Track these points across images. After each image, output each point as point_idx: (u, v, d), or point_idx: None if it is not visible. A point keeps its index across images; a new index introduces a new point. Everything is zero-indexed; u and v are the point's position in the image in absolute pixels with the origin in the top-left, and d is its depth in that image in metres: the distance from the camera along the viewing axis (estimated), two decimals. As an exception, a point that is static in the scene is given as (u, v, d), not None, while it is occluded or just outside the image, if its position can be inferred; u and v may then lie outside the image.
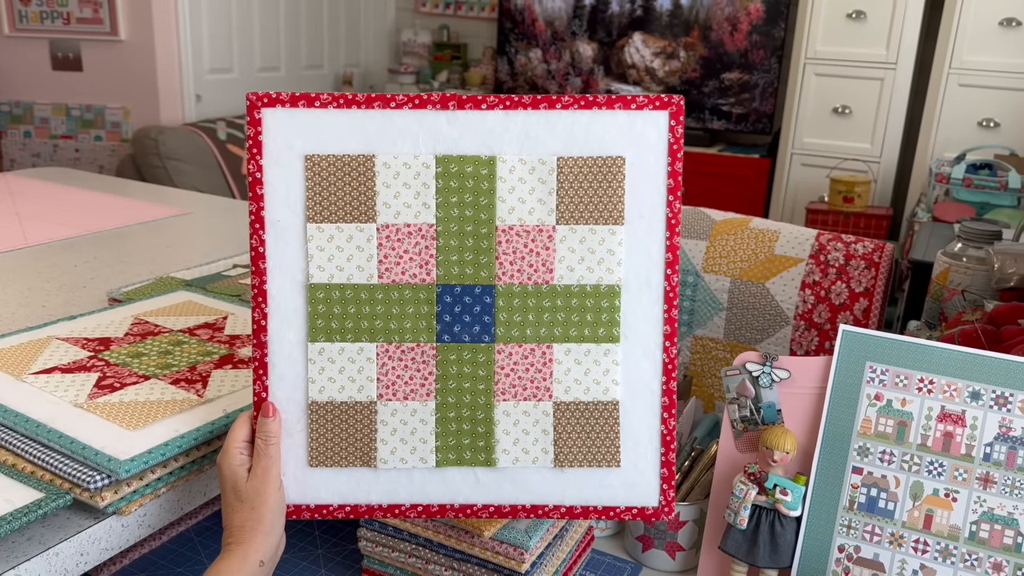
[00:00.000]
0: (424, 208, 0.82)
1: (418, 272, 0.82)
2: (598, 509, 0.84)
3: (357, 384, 0.82)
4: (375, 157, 0.81)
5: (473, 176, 0.82)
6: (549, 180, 0.83)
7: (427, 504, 0.84)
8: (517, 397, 0.83)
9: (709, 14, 3.90)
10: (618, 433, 0.84)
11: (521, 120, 0.82)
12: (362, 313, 0.82)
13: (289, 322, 0.82)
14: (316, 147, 0.81)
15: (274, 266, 0.82)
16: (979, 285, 1.50)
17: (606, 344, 0.84)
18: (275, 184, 0.81)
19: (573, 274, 0.83)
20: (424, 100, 0.82)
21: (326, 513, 0.83)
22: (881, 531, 0.86)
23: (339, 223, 0.82)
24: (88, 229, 1.82)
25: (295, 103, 0.81)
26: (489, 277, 0.83)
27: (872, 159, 3.53)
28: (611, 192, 0.83)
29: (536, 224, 0.83)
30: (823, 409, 0.89)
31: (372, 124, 0.82)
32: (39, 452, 0.82)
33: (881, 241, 1.44)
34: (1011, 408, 0.83)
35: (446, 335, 0.83)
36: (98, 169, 3.95)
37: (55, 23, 3.84)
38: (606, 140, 0.83)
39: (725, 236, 1.49)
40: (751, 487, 0.88)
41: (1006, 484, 0.83)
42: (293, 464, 0.82)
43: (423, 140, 0.82)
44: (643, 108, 0.83)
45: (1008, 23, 3.16)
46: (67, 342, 1.04)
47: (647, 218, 0.84)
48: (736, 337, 1.48)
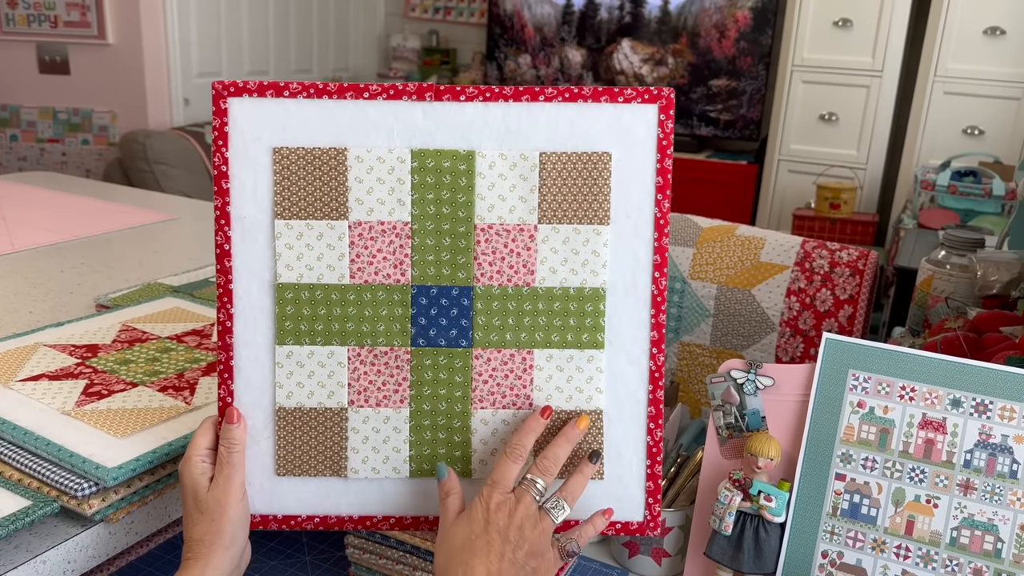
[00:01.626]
0: (399, 205, 0.78)
1: (392, 272, 0.78)
2: (579, 521, 0.82)
3: (327, 389, 0.79)
4: (347, 151, 0.77)
5: (451, 172, 0.78)
6: (531, 177, 0.79)
7: (400, 516, 0.80)
8: (496, 405, 0.80)
9: (697, 21, 3.92)
10: (601, 444, 0.81)
11: (502, 113, 0.78)
12: (333, 315, 0.78)
13: (256, 323, 0.78)
14: (285, 139, 0.77)
15: (240, 264, 0.78)
16: (962, 292, 1.52)
17: (590, 350, 0.80)
18: (242, 178, 0.77)
19: (556, 276, 0.80)
20: (399, 91, 0.78)
21: (294, 524, 0.80)
22: (864, 537, 0.87)
23: (309, 220, 0.78)
24: (75, 234, 1.82)
25: (263, 92, 0.77)
26: (467, 278, 0.79)
27: (858, 166, 3.56)
28: (596, 190, 0.79)
29: (517, 223, 0.79)
30: (807, 416, 0.90)
31: (344, 116, 0.77)
32: (26, 460, 0.82)
33: (866, 248, 1.46)
34: (991, 415, 0.84)
35: (421, 339, 0.79)
36: (85, 173, 3.93)
37: (42, 26, 3.82)
38: (592, 135, 0.79)
39: (711, 243, 1.50)
40: (736, 493, 0.88)
41: (986, 490, 0.84)
42: (259, 473, 0.79)
43: (398, 133, 0.78)
44: (631, 101, 0.79)
45: (992, 32, 3.19)
46: (54, 349, 1.04)
47: (634, 218, 0.80)
48: (722, 344, 1.50)
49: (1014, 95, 3.22)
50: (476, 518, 0.73)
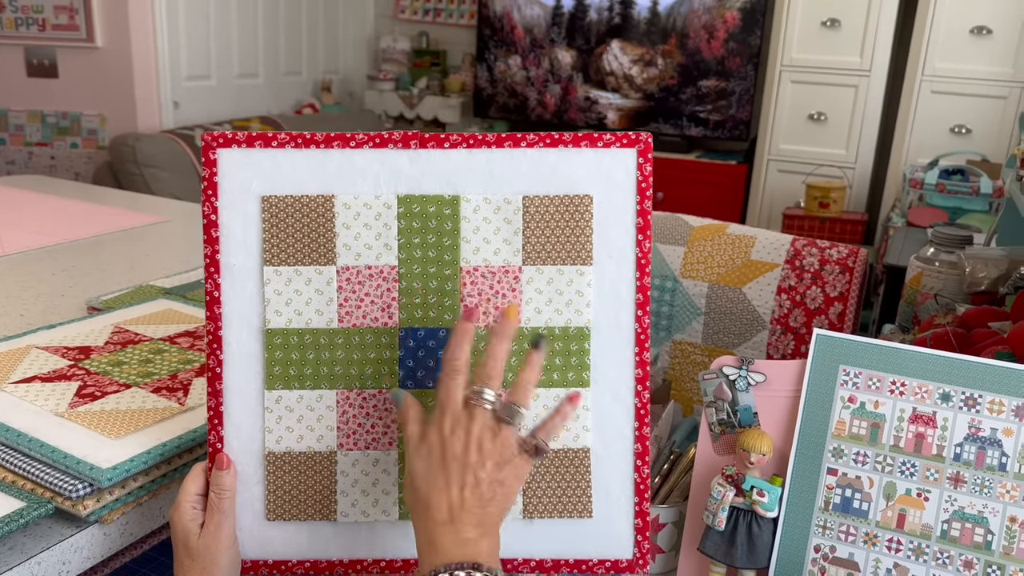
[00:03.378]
0: (386, 249, 0.79)
1: (380, 316, 0.79)
2: (570, 563, 0.82)
3: (316, 433, 0.79)
4: (335, 198, 0.79)
5: (436, 216, 0.79)
6: (515, 220, 0.80)
7: (391, 560, 0.80)
8: None
9: (686, 22, 3.94)
10: (589, 482, 0.81)
11: (485, 159, 0.80)
12: (321, 359, 0.79)
13: (246, 369, 0.79)
14: (273, 188, 0.78)
15: (230, 311, 0.78)
16: (951, 289, 1.53)
17: (576, 388, 0.81)
18: (230, 227, 0.78)
19: (541, 316, 0.81)
20: (385, 139, 0.79)
21: (284, 570, 0.80)
22: (856, 531, 0.88)
23: (297, 266, 0.78)
24: (65, 237, 1.81)
25: (251, 143, 0.78)
26: (454, 320, 0.80)
27: (847, 165, 3.58)
28: (579, 232, 0.80)
29: (502, 265, 0.80)
30: (798, 412, 0.91)
31: (331, 164, 0.79)
32: (20, 461, 0.81)
33: (855, 246, 1.47)
34: (980, 409, 0.85)
35: (409, 381, 0.80)
36: (74, 177, 3.92)
37: (30, 29, 3.81)
38: (573, 179, 0.80)
39: (702, 242, 1.51)
40: (728, 489, 0.89)
41: (976, 483, 0.85)
42: (250, 518, 0.79)
43: (384, 180, 0.79)
44: (610, 146, 0.81)
45: (979, 31, 3.22)
46: (47, 351, 1.04)
47: (616, 258, 0.81)
48: (714, 342, 1.50)
49: (1001, 94, 3.24)
50: (433, 447, 0.71)
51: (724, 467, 0.91)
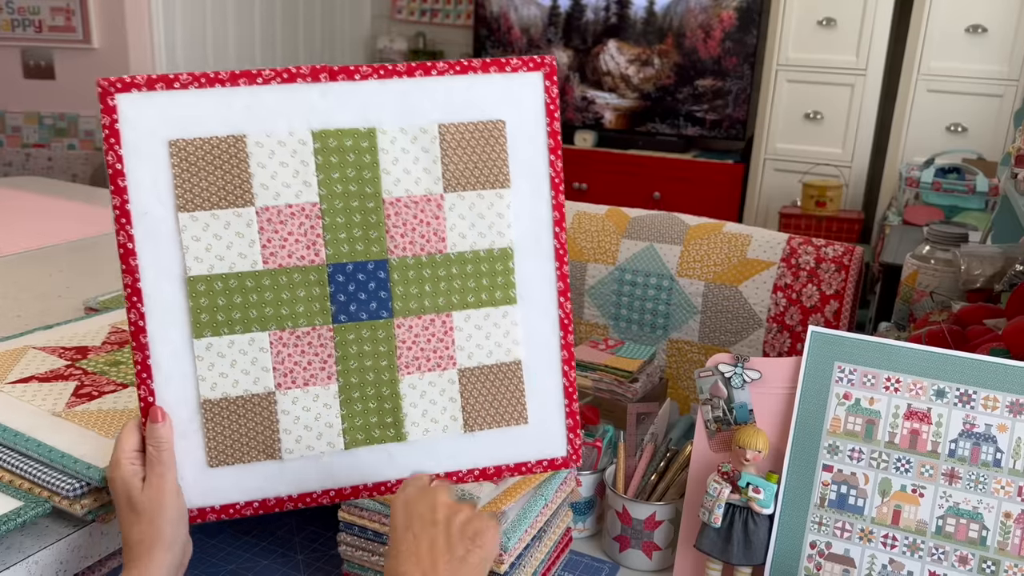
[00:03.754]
0: (305, 187, 0.79)
1: (306, 254, 0.79)
2: (510, 467, 0.86)
3: (252, 376, 0.79)
4: (246, 137, 0.78)
5: (354, 150, 0.80)
6: (432, 148, 0.82)
7: (340, 488, 0.81)
8: (421, 369, 0.82)
9: (682, 22, 3.94)
10: (523, 392, 0.85)
11: (398, 89, 0.80)
12: (249, 302, 0.78)
13: (170, 320, 0.77)
14: (180, 132, 0.77)
15: (147, 262, 0.77)
16: (947, 287, 1.54)
17: (504, 307, 0.84)
18: (138, 174, 0.76)
19: (465, 241, 0.83)
20: (293, 74, 0.79)
21: (233, 512, 0.80)
22: (851, 527, 0.88)
23: (213, 210, 0.77)
24: (63, 238, 1.81)
25: (152, 86, 0.76)
26: (381, 252, 0.81)
27: (843, 164, 3.59)
28: (495, 156, 0.83)
29: (424, 194, 0.82)
30: (794, 409, 0.91)
31: (239, 103, 0.78)
32: (17, 461, 0.82)
33: (851, 244, 1.47)
34: (974, 405, 0.86)
35: (342, 315, 0.80)
36: (72, 178, 3.91)
37: (27, 31, 3.81)
38: (485, 105, 0.83)
39: (699, 240, 1.52)
40: (725, 486, 0.89)
41: (970, 479, 0.85)
42: (191, 467, 0.78)
43: (296, 115, 0.78)
44: (518, 71, 0.83)
45: (974, 30, 3.22)
46: (44, 351, 1.04)
47: (532, 179, 0.84)
48: (711, 340, 1.51)
49: (996, 92, 3.25)
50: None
51: (720, 464, 0.92)
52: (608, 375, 1.26)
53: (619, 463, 1.04)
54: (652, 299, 1.52)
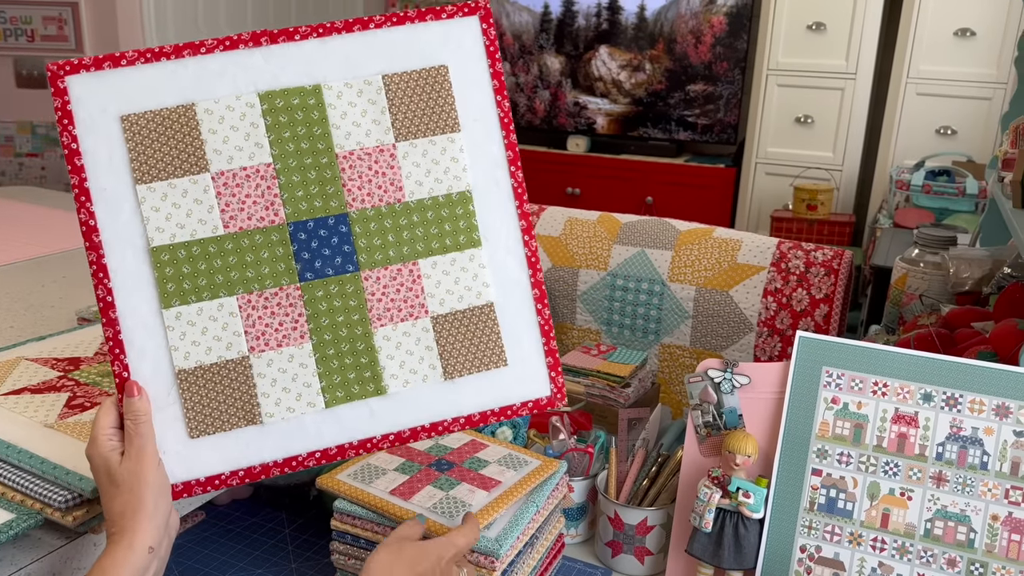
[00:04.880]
0: (258, 148, 0.80)
1: (265, 215, 0.80)
2: (495, 411, 0.85)
3: (224, 342, 0.79)
4: (195, 105, 0.79)
5: (301, 108, 0.81)
6: (379, 99, 0.83)
7: (325, 449, 0.81)
8: (394, 320, 0.83)
9: (673, 27, 3.96)
10: (499, 333, 0.85)
11: (338, 45, 0.82)
12: (214, 268, 0.79)
13: (138, 292, 0.78)
14: (131, 106, 0.78)
15: (110, 236, 0.77)
16: (936, 289, 1.55)
17: (469, 250, 0.85)
18: (94, 151, 0.77)
19: (423, 188, 0.84)
20: (235, 40, 0.80)
21: (219, 483, 0.79)
22: (841, 531, 0.89)
23: (170, 179, 0.78)
24: (56, 248, 1.81)
25: (100, 66, 0.78)
26: (340, 206, 0.82)
27: (834, 167, 3.60)
28: (442, 101, 0.84)
29: (376, 145, 0.83)
30: (782, 413, 0.92)
31: (186, 73, 0.79)
32: (9, 473, 0.82)
33: (840, 248, 1.48)
34: (961, 409, 0.86)
35: (308, 273, 0.81)
36: (65, 187, 3.91)
37: (19, 40, 3.80)
38: (426, 52, 0.84)
39: (689, 246, 1.52)
40: (715, 491, 0.90)
41: (958, 482, 0.86)
42: (172, 439, 0.78)
43: (242, 80, 0.80)
44: (454, 16, 0.85)
45: (963, 33, 3.24)
46: (36, 363, 1.04)
47: (481, 121, 0.85)
48: (702, 344, 1.51)
49: (985, 95, 3.27)
50: None
51: (710, 469, 0.92)
52: (600, 380, 1.27)
53: (611, 468, 1.04)
54: (644, 304, 1.53)
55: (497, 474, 0.95)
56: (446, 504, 0.89)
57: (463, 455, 0.99)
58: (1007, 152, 1.40)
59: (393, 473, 0.95)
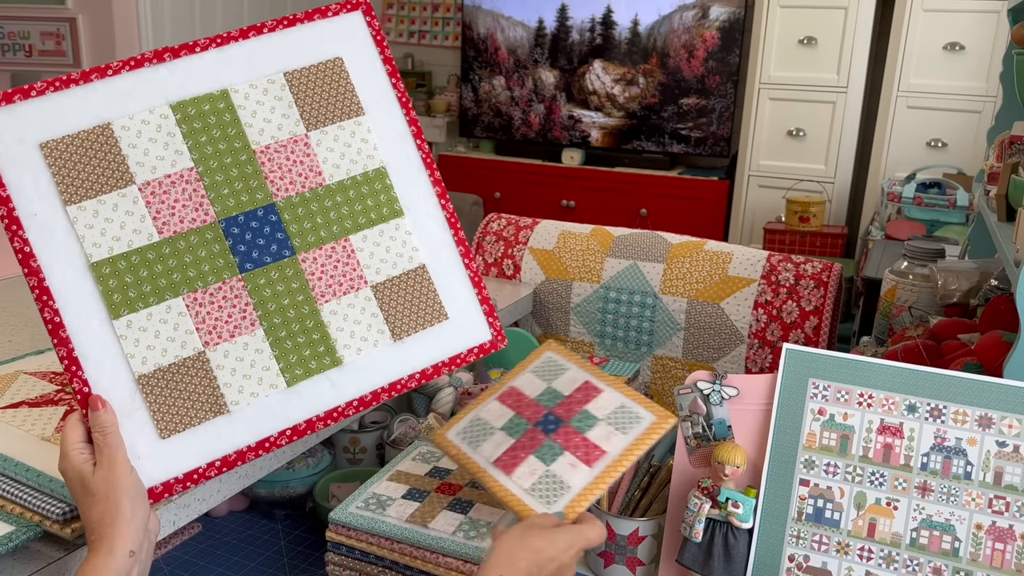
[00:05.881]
0: (178, 155, 0.84)
1: (196, 215, 0.84)
2: (445, 363, 0.91)
3: (178, 341, 0.82)
4: (111, 124, 0.83)
5: (213, 112, 0.86)
6: (284, 95, 0.89)
7: (294, 426, 0.84)
8: (336, 294, 0.88)
9: (666, 41, 3.99)
10: (435, 291, 0.92)
11: (238, 51, 0.88)
12: (156, 273, 0.82)
13: (85, 308, 0.80)
14: (49, 133, 0.81)
15: (49, 259, 0.79)
16: (925, 301, 1.57)
17: (394, 220, 0.91)
18: (18, 181, 0.80)
19: (340, 170, 0.90)
20: (140, 59, 0.85)
21: (197, 478, 0.81)
22: (828, 540, 0.90)
23: (99, 196, 0.81)
24: (52, 263, 1.82)
25: (10, 99, 0.81)
26: (266, 197, 0.87)
27: (826, 180, 3.63)
28: (343, 89, 0.91)
29: (290, 137, 0.89)
30: (770, 424, 0.93)
31: (96, 96, 0.83)
32: (8, 486, 0.83)
33: (829, 261, 1.50)
34: (945, 419, 0.88)
35: (248, 264, 0.85)
36: (61, 201, 3.92)
37: (17, 55, 3.82)
38: (321, 48, 0.91)
39: (681, 259, 1.54)
40: (705, 501, 0.91)
41: (943, 492, 0.87)
42: (144, 443, 0.80)
43: (152, 95, 0.85)
44: (338, 13, 0.93)
45: (952, 47, 3.28)
46: (35, 376, 1.05)
47: (381, 103, 0.93)
48: (694, 356, 1.53)
49: (975, 108, 3.30)
50: None
51: (700, 480, 0.94)
52: (592, 393, 1.28)
53: (602, 480, 1.05)
54: (636, 316, 1.55)
55: (604, 439, 0.91)
56: (545, 485, 0.88)
57: (572, 408, 0.94)
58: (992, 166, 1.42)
59: (500, 434, 0.93)
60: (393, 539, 0.90)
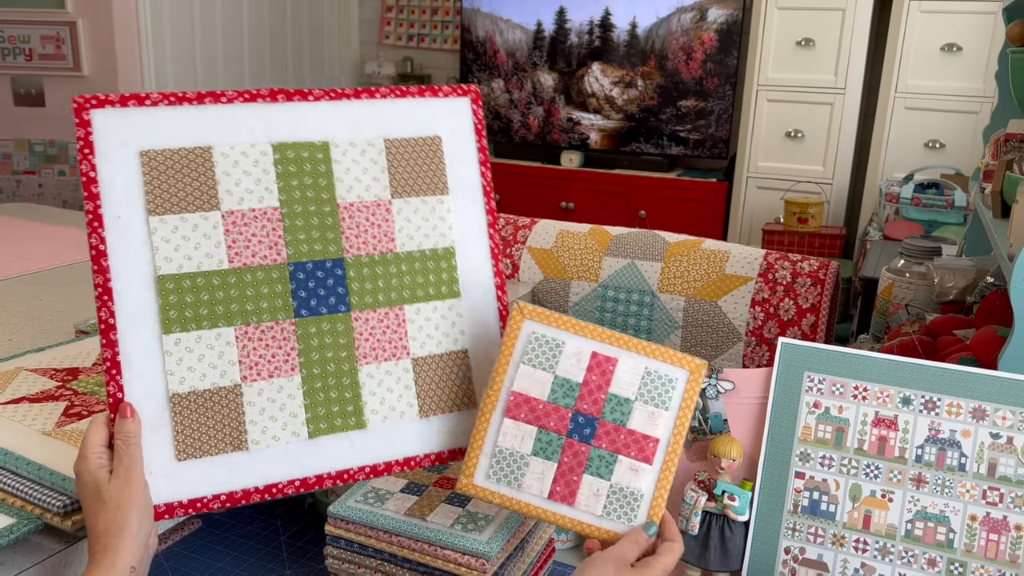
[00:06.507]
0: (267, 192, 0.86)
1: (268, 253, 0.85)
2: (463, 450, 0.91)
3: (219, 370, 0.83)
4: (212, 148, 0.85)
5: (310, 160, 0.88)
6: (380, 160, 0.91)
7: (304, 478, 0.85)
8: (378, 359, 0.89)
9: (664, 44, 4.00)
10: (471, 378, 0.92)
11: (348, 108, 0.91)
12: (216, 299, 0.83)
13: (141, 317, 0.81)
14: (151, 143, 0.83)
15: (119, 263, 0.80)
16: (921, 299, 1.57)
17: (450, 300, 0.93)
18: (111, 181, 0.81)
19: (412, 241, 0.92)
20: (254, 94, 0.87)
21: (200, 506, 0.81)
22: (824, 532, 0.91)
23: (182, 213, 0.83)
24: (53, 263, 1.83)
25: (125, 103, 0.82)
26: (338, 251, 0.88)
27: (825, 181, 3.64)
28: (434, 167, 0.94)
29: (374, 200, 0.91)
30: (766, 418, 0.94)
31: (206, 118, 0.85)
32: (9, 479, 0.84)
33: (826, 259, 1.50)
34: (939, 412, 0.89)
35: (303, 310, 0.86)
36: (62, 204, 3.93)
37: (17, 59, 3.84)
38: (424, 124, 0.94)
39: (678, 257, 1.55)
40: (701, 494, 0.92)
41: (937, 484, 0.88)
42: (160, 461, 0.80)
43: (258, 130, 0.86)
44: (449, 96, 0.96)
45: (949, 48, 3.29)
46: (35, 373, 1.06)
47: (466, 187, 0.95)
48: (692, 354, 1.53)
49: (972, 109, 3.31)
50: None
51: (696, 473, 0.94)
52: (590, 390, 1.29)
53: (600, 475, 1.06)
54: (634, 315, 1.55)
55: (648, 424, 0.86)
56: (616, 503, 0.84)
57: (597, 397, 0.86)
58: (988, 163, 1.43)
59: (536, 462, 0.85)
60: (392, 532, 0.90)
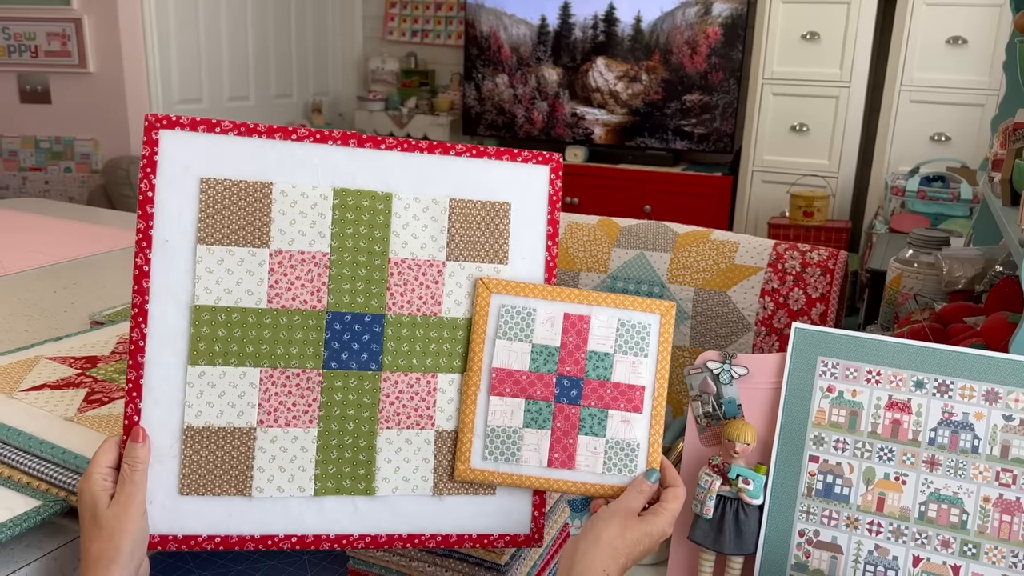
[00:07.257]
0: (319, 237, 0.83)
1: (309, 299, 0.83)
2: (473, 537, 0.86)
3: (237, 409, 0.81)
4: (272, 185, 0.82)
5: (369, 210, 0.84)
6: (441, 219, 0.87)
7: (302, 535, 0.82)
8: (400, 425, 0.85)
9: (669, 38, 4.01)
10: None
11: (417, 162, 0.86)
12: (248, 337, 0.81)
13: (170, 344, 0.80)
14: (213, 171, 0.81)
15: (158, 286, 0.80)
16: (930, 289, 1.58)
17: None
18: (167, 204, 0.80)
19: (460, 308, 0.87)
20: (325, 136, 0.84)
21: (194, 544, 0.80)
22: (838, 515, 0.91)
23: (231, 246, 0.81)
24: (65, 257, 1.85)
25: (195, 127, 0.81)
26: (380, 307, 0.84)
27: (830, 174, 3.64)
28: (498, 234, 0.88)
29: (427, 259, 0.86)
30: (780, 402, 0.94)
31: (272, 153, 0.83)
32: (34, 463, 0.85)
33: (835, 249, 1.51)
34: (952, 395, 0.89)
35: (333, 362, 0.83)
36: (68, 200, 3.95)
37: (23, 56, 3.85)
38: (494, 187, 0.88)
39: (688, 248, 1.56)
40: (715, 478, 0.93)
41: (950, 466, 0.88)
42: (162, 492, 0.79)
43: (322, 172, 0.84)
44: (528, 162, 0.90)
45: (955, 41, 3.29)
46: (55, 361, 1.07)
47: (529, 259, 0.89)
48: (701, 344, 1.54)
49: (977, 101, 3.32)
50: None
51: (711, 457, 0.95)
52: (602, 378, 1.30)
53: (614, 460, 1.07)
54: (644, 306, 1.56)
55: (630, 373, 0.90)
56: (614, 458, 0.87)
57: (579, 360, 0.89)
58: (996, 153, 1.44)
59: (529, 433, 0.88)
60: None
